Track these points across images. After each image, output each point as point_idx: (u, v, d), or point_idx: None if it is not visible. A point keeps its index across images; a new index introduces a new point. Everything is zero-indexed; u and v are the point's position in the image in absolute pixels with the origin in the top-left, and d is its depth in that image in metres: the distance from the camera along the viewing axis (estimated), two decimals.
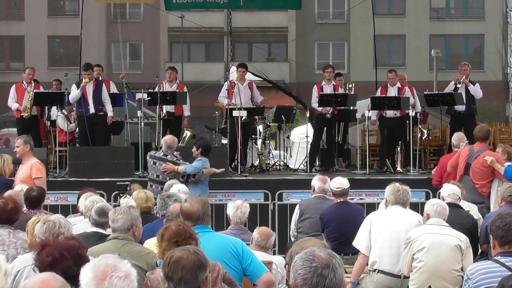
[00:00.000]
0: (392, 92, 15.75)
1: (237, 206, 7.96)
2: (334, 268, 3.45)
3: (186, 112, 15.63)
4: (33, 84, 15.18)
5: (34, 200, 8.49)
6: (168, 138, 12.24)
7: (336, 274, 3.45)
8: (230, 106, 15.18)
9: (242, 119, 14.89)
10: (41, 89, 15.44)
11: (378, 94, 15.96)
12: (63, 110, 15.81)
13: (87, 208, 7.92)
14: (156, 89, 14.89)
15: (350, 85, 17.20)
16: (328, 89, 15.89)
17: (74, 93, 14.78)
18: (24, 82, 15.27)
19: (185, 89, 15.59)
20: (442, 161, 11.96)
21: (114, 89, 15.83)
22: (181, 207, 6.50)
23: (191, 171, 11.44)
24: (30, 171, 10.55)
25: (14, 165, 10.99)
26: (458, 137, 11.84)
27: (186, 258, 4.20)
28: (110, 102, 15.07)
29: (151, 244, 6.77)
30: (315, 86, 16.14)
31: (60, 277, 3.59)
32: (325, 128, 16.05)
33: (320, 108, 15.67)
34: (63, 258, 4.31)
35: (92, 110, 14.83)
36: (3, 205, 7.02)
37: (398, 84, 15.92)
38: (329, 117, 15.54)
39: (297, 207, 10.02)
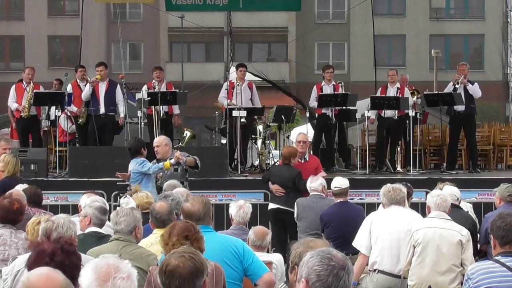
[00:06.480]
0: (391, 92, 15.75)
1: (239, 206, 7.97)
2: (349, 271, 3.48)
3: (176, 111, 15.60)
4: (32, 84, 15.15)
5: (34, 199, 8.49)
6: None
7: (349, 277, 3.48)
8: (230, 107, 15.19)
9: (241, 120, 14.88)
10: (41, 89, 15.41)
11: (378, 94, 15.98)
12: (66, 111, 15.76)
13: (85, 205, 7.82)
14: (145, 88, 14.87)
15: (341, 83, 17.02)
16: (328, 90, 15.89)
17: (85, 91, 14.88)
18: (24, 82, 15.26)
19: (173, 88, 15.54)
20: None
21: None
22: (182, 207, 6.52)
23: None
24: None
25: None
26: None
27: (183, 266, 4.07)
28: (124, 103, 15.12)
29: (144, 243, 6.77)
30: (314, 87, 16.15)
31: (60, 272, 3.51)
32: (324, 129, 16.05)
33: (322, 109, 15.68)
34: (57, 259, 4.27)
35: (102, 110, 14.83)
36: (9, 205, 7.01)
37: (398, 84, 15.94)
38: (332, 122, 15.58)
39: (295, 206, 10.13)
